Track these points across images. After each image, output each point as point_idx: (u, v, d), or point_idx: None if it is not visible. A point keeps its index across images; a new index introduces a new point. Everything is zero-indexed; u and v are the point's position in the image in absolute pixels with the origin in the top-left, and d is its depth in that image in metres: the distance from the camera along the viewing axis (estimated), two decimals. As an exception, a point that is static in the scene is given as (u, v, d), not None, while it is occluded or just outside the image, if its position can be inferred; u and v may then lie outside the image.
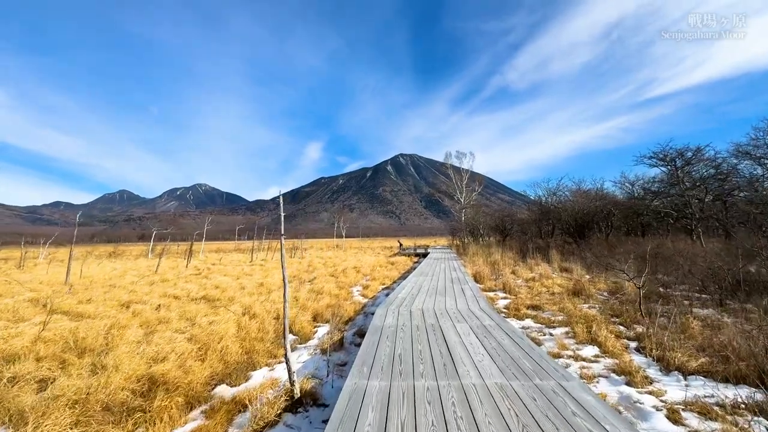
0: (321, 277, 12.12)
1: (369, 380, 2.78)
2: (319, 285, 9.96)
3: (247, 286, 10.53)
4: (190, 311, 6.59)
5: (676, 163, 15.19)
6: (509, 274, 12.11)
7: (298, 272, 14.22)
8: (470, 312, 5.30)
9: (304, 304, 7.49)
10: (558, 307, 7.02)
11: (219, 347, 4.66)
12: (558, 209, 22.04)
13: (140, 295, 8.59)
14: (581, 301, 7.70)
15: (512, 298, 8.35)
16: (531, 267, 13.84)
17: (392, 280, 11.99)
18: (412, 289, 7.73)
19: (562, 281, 10.27)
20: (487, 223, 33.58)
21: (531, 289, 9.34)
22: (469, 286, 8.19)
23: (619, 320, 6.09)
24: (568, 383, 2.61)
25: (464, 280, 9.25)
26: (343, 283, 10.94)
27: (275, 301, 7.60)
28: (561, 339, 5.07)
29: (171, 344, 4.58)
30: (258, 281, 11.42)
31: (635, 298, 7.44)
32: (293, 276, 12.94)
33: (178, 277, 13.11)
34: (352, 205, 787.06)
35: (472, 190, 43.02)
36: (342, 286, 10.18)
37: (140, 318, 6.28)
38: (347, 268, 15.67)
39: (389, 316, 5.02)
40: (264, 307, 7.03)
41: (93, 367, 3.85)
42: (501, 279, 10.85)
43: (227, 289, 9.76)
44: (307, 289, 9.37)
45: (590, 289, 8.56)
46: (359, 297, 9.06)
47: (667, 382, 3.61)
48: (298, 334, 5.73)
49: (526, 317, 6.58)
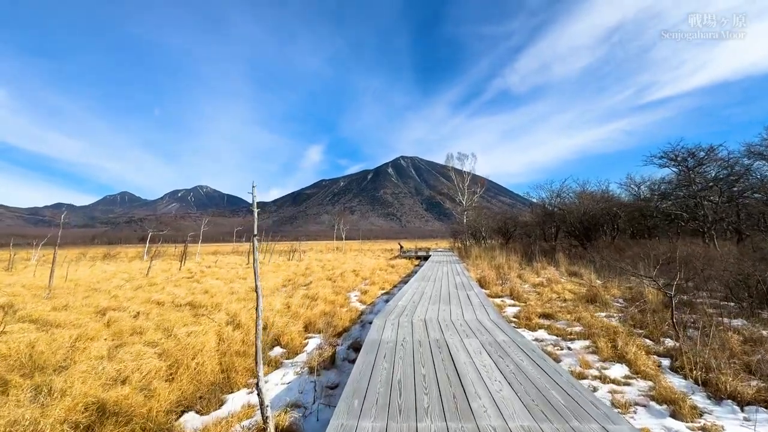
0: (317, 282, 11.53)
1: (360, 420, 2.20)
2: (314, 290, 9.37)
3: (239, 290, 9.94)
4: (169, 320, 6.00)
5: (687, 163, 14.57)
6: (515, 278, 11.51)
7: (294, 276, 13.63)
8: (479, 324, 4.71)
9: (296, 311, 6.91)
10: (573, 316, 6.42)
11: (193, 364, 4.07)
12: (563, 211, 21.44)
13: (122, 301, 8.01)
14: (597, 309, 7.10)
15: (521, 305, 7.75)
16: (537, 271, 13.24)
17: (392, 285, 11.39)
18: (413, 296, 7.13)
19: (572, 286, 9.67)
20: (489, 225, 32.91)
21: (540, 295, 8.74)
22: (475, 292, 7.59)
23: (643, 332, 5.49)
24: (617, 428, 2.02)
25: (469, 285, 8.66)
26: (340, 287, 10.35)
27: (265, 309, 7.01)
28: (582, 355, 4.47)
29: (138, 361, 4.00)
30: (251, 285, 10.83)
31: (657, 306, 6.85)
32: (288, 280, 12.35)
33: (168, 281, 12.53)
34: (353, 208, 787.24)
35: (474, 192, 42.44)
36: (339, 291, 9.58)
37: (114, 327, 5.69)
38: (346, 271, 15.08)
39: (388, 329, 4.43)
40: (252, 315, 6.44)
41: (37, 391, 3.26)
42: (507, 284, 10.25)
43: (216, 294, 9.18)
44: (300, 294, 8.78)
45: (605, 295, 7.96)
46: (357, 303, 8.47)
47: (722, 414, 3.01)
48: (287, 346, 5.14)
49: (538, 328, 5.98)
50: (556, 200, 24.16)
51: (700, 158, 14.40)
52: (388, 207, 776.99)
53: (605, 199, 20.08)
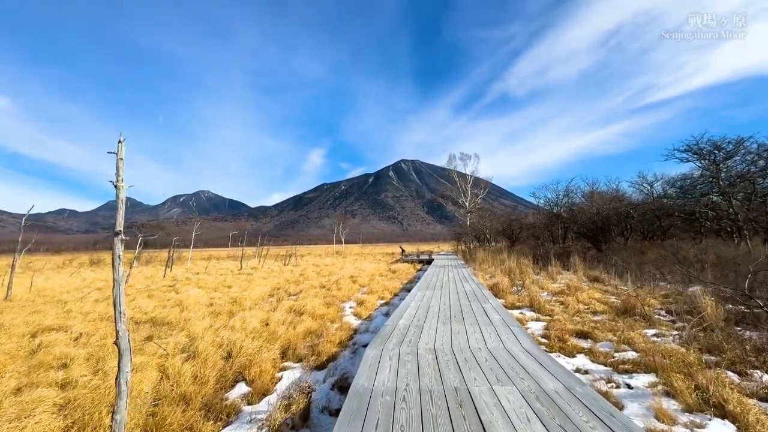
0: (309, 290, 10.30)
1: None
2: (303, 301, 8.12)
3: (218, 302, 8.73)
4: (110, 346, 4.78)
5: (716, 156, 13.32)
6: (531, 284, 10.25)
7: (285, 283, 12.39)
8: (510, 356, 3.46)
9: (274, 330, 5.67)
10: (618, 336, 5.16)
11: (106, 423, 2.85)
12: (574, 211, 20.20)
13: (74, 317, 6.80)
14: (640, 324, 5.84)
15: (546, 319, 6.49)
16: (553, 276, 11.98)
17: (393, 293, 10.15)
18: (417, 310, 5.89)
19: (599, 295, 8.40)
20: (493, 227, 31.61)
21: (565, 306, 7.48)
22: (492, 305, 6.34)
23: (718, 360, 4.22)
24: None
25: (483, 295, 7.40)
26: (334, 297, 9.12)
27: (237, 329, 5.77)
28: (654, 399, 3.22)
29: (21, 421, 2.77)
30: (234, 296, 9.62)
31: (716, 321, 5.59)
32: (277, 288, 11.12)
33: (146, 290, 11.33)
34: (355, 211, 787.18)
35: (477, 194, 41.24)
36: (331, 303, 8.34)
37: (40, 356, 4.48)
38: (343, 277, 13.84)
39: (384, 367, 3.19)
40: (219, 337, 5.21)
41: None
42: (524, 292, 9.00)
43: (191, 306, 7.97)
44: (286, 307, 7.52)
45: (643, 306, 6.70)
46: (351, 317, 7.23)
47: None
48: (254, 383, 3.91)
49: (576, 352, 4.73)
50: (564, 200, 23.04)
51: (729, 152, 13.15)
52: (389, 210, 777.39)
53: (617, 198, 18.96)
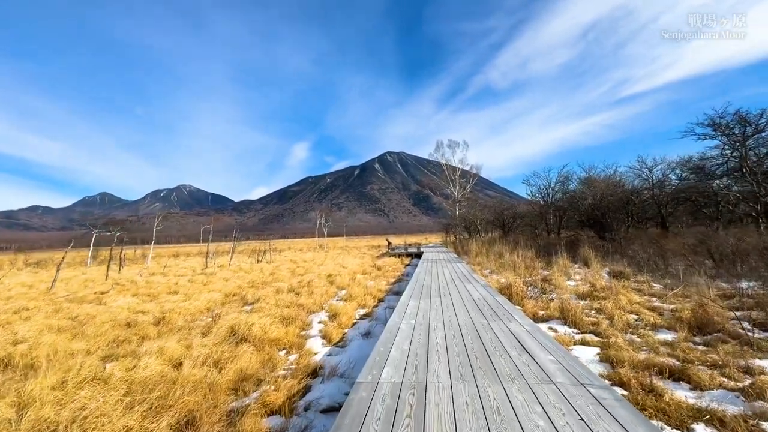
0: (272, 297, 8.11)
1: None
2: (255, 316, 5.92)
3: (142, 319, 6.48)
4: None
5: (744, 130, 11.69)
6: (546, 284, 8.36)
7: (247, 287, 10.13)
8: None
9: (186, 378, 3.48)
10: (730, 375, 3.24)
11: None
12: (574, 198, 18.55)
13: None
14: (730, 346, 3.96)
15: (594, 340, 4.55)
16: (566, 271, 10.14)
17: (377, 298, 8.09)
18: (411, 342, 3.77)
19: (639, 298, 6.55)
20: (484, 217, 29.88)
21: (606, 314, 5.57)
22: (524, 326, 4.31)
23: None
24: None
25: (501, 307, 5.38)
26: (301, 307, 6.98)
27: (115, 383, 3.55)
28: None
29: None
30: (171, 307, 7.36)
31: None
32: (233, 294, 8.88)
33: (63, 299, 8.90)
34: (341, 204, 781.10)
35: (467, 182, 39.53)
36: (295, 316, 6.18)
37: None
38: (319, 276, 11.71)
39: None
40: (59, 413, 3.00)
41: None
42: (547, 296, 7.05)
43: (88, 331, 5.70)
44: (225, 328, 5.28)
45: (716, 318, 4.83)
46: (317, 342, 5.12)
47: None
48: None
49: (689, 417, 2.76)
50: (559, 187, 21.64)
51: (758, 126, 11.54)
52: (375, 203, 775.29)
53: (619, 184, 17.61)
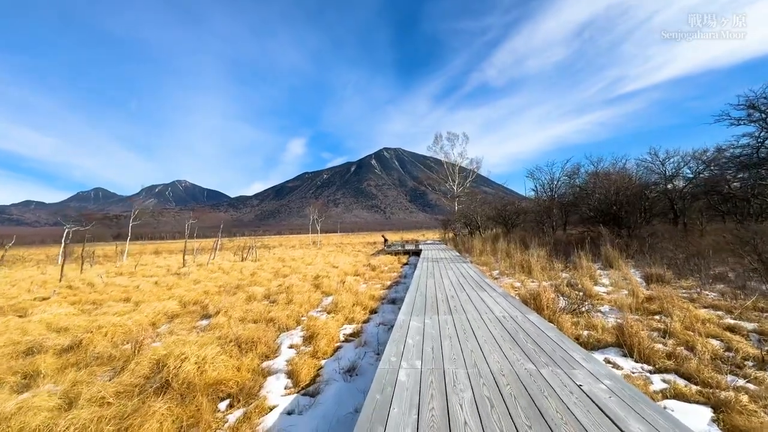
0: (239, 306, 6.50)
1: None
2: (207, 335, 4.32)
3: (52, 342, 4.88)
4: None
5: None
6: (570, 289, 6.84)
7: (216, 292, 8.52)
8: None
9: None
10: None
11: None
12: (585, 192, 17.10)
13: None
14: None
15: (694, 390, 3.02)
16: (591, 274, 8.62)
17: (369, 309, 6.52)
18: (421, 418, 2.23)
19: (705, 313, 5.05)
20: (485, 212, 28.34)
21: (675, 338, 4.06)
22: (595, 374, 2.79)
23: None
24: None
25: (536, 329, 3.84)
26: (272, 321, 5.41)
27: None
28: None
29: None
30: (108, 320, 5.74)
31: None
32: (192, 302, 7.26)
33: None
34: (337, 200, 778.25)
35: (465, 177, 38.05)
36: (255, 343, 4.58)
37: None
38: (304, 277, 10.14)
39: None
40: None
41: None
42: (583, 307, 5.51)
43: None
44: (149, 363, 3.68)
45: None
46: (278, 384, 3.55)
47: None
48: None
49: None
50: (564, 180, 20.38)
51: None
52: (372, 199, 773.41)
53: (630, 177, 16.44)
